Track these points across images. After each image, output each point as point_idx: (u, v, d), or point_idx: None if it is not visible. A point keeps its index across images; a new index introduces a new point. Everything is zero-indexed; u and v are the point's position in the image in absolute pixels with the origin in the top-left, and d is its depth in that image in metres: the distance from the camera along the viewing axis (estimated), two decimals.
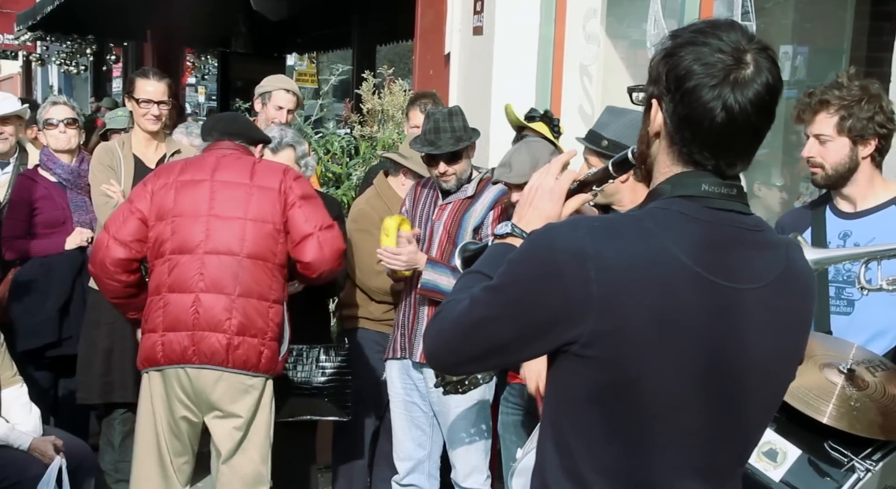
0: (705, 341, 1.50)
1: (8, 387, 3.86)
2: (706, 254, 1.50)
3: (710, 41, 1.49)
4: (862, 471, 2.46)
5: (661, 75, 1.53)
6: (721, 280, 1.50)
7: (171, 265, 3.43)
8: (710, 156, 1.52)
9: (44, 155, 4.85)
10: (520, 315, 1.52)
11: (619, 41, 5.44)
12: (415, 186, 3.97)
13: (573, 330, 1.49)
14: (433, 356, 1.66)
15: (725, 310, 1.51)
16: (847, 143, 2.82)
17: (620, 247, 1.48)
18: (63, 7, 11.88)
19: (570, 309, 1.48)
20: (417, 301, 3.74)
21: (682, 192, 1.53)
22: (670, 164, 1.56)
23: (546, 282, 1.49)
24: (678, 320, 1.48)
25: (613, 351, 1.48)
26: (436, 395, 3.75)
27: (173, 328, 3.41)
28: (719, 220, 1.52)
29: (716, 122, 1.48)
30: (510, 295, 1.53)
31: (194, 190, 3.49)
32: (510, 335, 1.55)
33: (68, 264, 4.69)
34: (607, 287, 1.46)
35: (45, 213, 4.73)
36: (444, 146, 3.63)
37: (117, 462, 4.47)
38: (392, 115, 5.48)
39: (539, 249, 1.52)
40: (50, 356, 4.74)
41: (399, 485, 3.93)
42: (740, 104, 1.47)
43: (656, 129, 1.56)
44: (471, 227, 3.70)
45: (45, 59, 18.58)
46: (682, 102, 1.50)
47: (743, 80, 1.47)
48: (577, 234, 1.49)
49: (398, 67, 7.33)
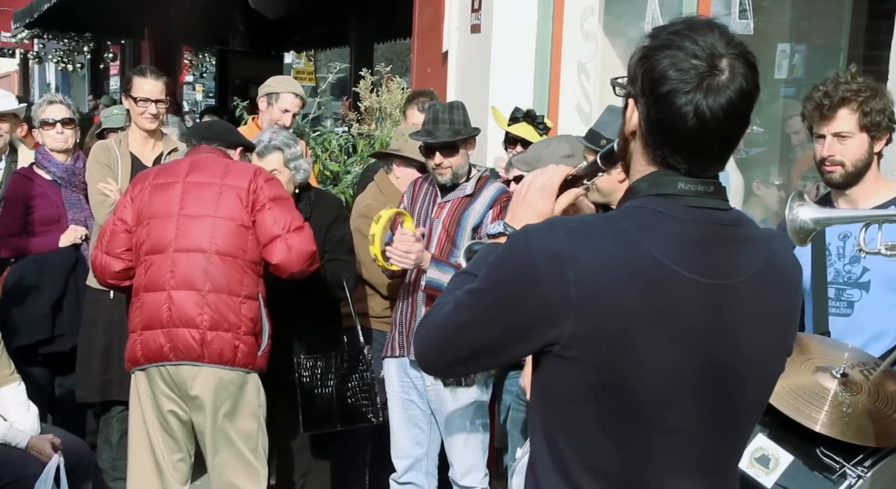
0: (688, 339, 1.50)
1: (6, 385, 3.86)
2: (684, 252, 1.50)
3: (685, 45, 1.48)
4: (853, 478, 2.45)
5: (637, 76, 1.53)
6: (701, 277, 1.50)
7: (147, 266, 3.53)
8: (682, 160, 1.52)
9: (39, 153, 4.84)
10: (499, 317, 1.53)
11: (617, 39, 5.44)
12: (413, 183, 3.97)
13: (553, 331, 1.49)
14: (421, 359, 1.68)
15: (707, 307, 1.51)
16: (866, 139, 2.83)
17: (597, 248, 1.48)
18: (60, 5, 11.87)
19: (549, 310, 1.48)
20: (416, 299, 3.74)
21: (659, 190, 1.53)
22: (646, 164, 1.57)
23: (524, 284, 1.50)
24: (658, 320, 1.48)
25: (593, 352, 1.48)
26: (433, 393, 3.75)
27: (149, 326, 3.49)
28: (697, 217, 1.52)
29: (687, 127, 1.48)
30: (490, 298, 1.54)
31: (166, 192, 3.59)
32: (492, 337, 1.56)
33: (61, 261, 4.69)
34: (584, 288, 1.46)
35: (41, 210, 4.73)
36: (441, 136, 3.65)
37: (115, 460, 4.47)
38: (390, 113, 5.47)
39: (516, 251, 1.53)
40: (43, 353, 4.74)
41: (397, 483, 3.94)
42: (712, 110, 1.47)
43: (632, 128, 1.57)
44: (470, 226, 3.70)
45: (42, 56, 18.57)
46: (655, 106, 1.50)
47: (716, 87, 1.47)
48: (554, 236, 1.50)
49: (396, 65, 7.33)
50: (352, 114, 5.80)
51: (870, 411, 2.49)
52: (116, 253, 3.60)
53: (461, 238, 3.70)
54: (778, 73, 5.27)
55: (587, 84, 5.40)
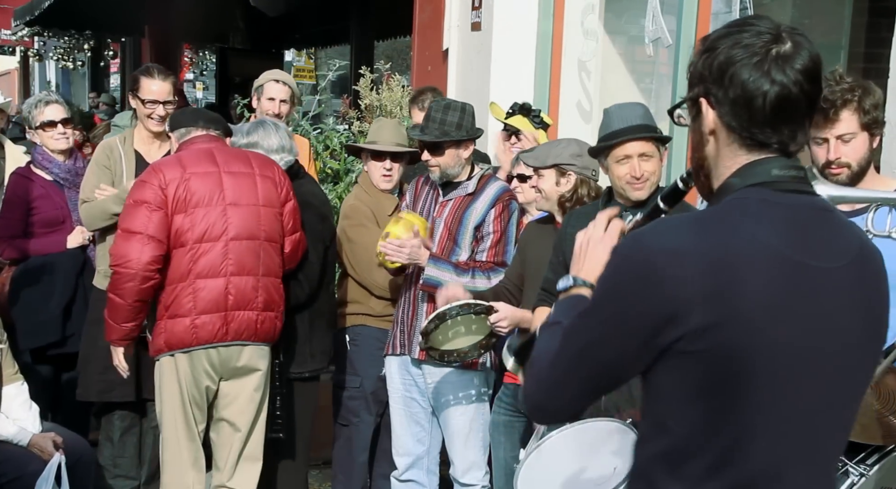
0: (806, 323, 1.51)
1: (9, 384, 3.86)
2: (793, 236, 1.51)
3: (744, 28, 1.54)
4: (856, 476, 2.46)
5: (703, 72, 1.56)
6: (811, 261, 1.51)
7: (196, 253, 3.62)
8: (771, 132, 1.54)
9: (38, 154, 4.78)
10: (621, 326, 1.52)
11: (618, 37, 5.43)
12: (415, 182, 3.98)
13: (679, 328, 1.48)
14: (539, 409, 1.65)
15: (819, 290, 1.52)
16: (867, 137, 2.83)
17: (712, 240, 1.49)
18: (61, 2, 11.86)
19: (674, 307, 1.48)
20: (417, 297, 3.74)
21: (754, 180, 1.54)
22: (733, 156, 1.57)
23: (645, 284, 1.49)
24: (779, 305, 1.49)
25: (722, 342, 1.48)
26: (434, 391, 3.76)
27: (207, 311, 3.64)
28: (797, 202, 1.54)
29: (769, 95, 1.51)
30: (607, 310, 1.54)
31: (206, 181, 3.66)
32: (616, 352, 1.54)
33: (71, 263, 4.67)
34: (708, 280, 1.47)
35: (43, 212, 4.69)
36: (428, 135, 3.66)
37: (116, 457, 4.46)
38: (390, 110, 5.47)
39: (629, 255, 1.54)
40: (52, 354, 4.73)
41: (398, 480, 3.94)
42: (786, 73, 1.51)
43: (710, 126, 1.58)
44: (472, 225, 3.70)
45: (42, 54, 18.57)
46: (731, 86, 1.53)
47: (785, 54, 1.51)
48: (669, 234, 1.52)
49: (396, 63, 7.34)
50: (352, 111, 5.80)
51: (872, 410, 2.49)
52: (158, 235, 3.57)
53: (463, 236, 3.71)
54: None
55: (588, 82, 5.40)
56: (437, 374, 3.69)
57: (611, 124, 3.08)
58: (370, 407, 4.26)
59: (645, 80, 5.43)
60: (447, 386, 3.70)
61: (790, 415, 1.52)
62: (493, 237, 3.68)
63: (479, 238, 3.71)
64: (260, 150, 3.95)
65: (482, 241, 3.70)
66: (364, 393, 4.22)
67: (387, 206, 4.18)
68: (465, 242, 3.72)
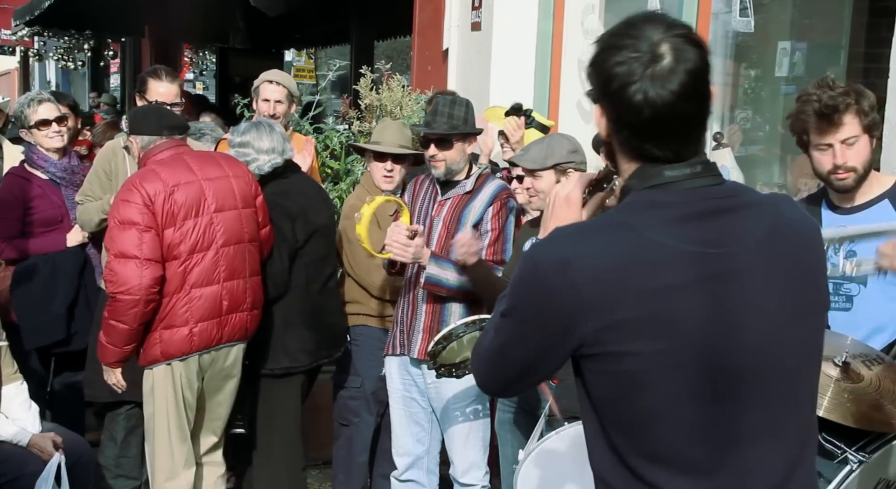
0: (714, 309, 1.53)
1: (8, 383, 3.86)
2: (684, 229, 1.54)
3: (625, 42, 1.55)
4: (855, 463, 2.48)
5: (593, 83, 1.61)
6: (706, 248, 1.53)
7: (190, 264, 3.66)
8: (654, 147, 1.57)
9: (33, 153, 4.75)
10: (530, 333, 1.60)
11: None
12: (413, 181, 3.98)
13: (576, 334, 1.54)
14: (482, 385, 1.77)
15: (721, 275, 1.54)
16: (867, 139, 2.84)
17: (600, 245, 1.54)
18: (61, 2, 11.86)
19: (567, 315, 1.53)
20: (416, 297, 3.74)
21: (649, 182, 1.58)
22: (628, 161, 1.62)
23: (538, 296, 1.56)
24: (678, 298, 1.51)
25: (621, 342, 1.51)
26: (434, 391, 3.76)
27: (204, 318, 3.70)
28: (691, 197, 1.56)
29: (644, 116, 1.53)
30: (516, 317, 1.62)
31: (189, 191, 3.67)
32: (531, 351, 1.62)
33: (72, 261, 4.67)
34: (595, 286, 1.51)
35: (41, 211, 4.68)
36: (437, 128, 3.66)
37: (118, 457, 4.42)
38: (390, 110, 5.46)
39: (527, 268, 1.60)
40: (55, 353, 4.72)
41: (398, 480, 3.94)
42: (661, 96, 1.51)
43: (604, 131, 1.63)
44: (470, 223, 3.70)
45: (42, 54, 18.55)
46: (612, 104, 1.57)
47: (660, 74, 1.51)
48: (556, 245, 1.57)
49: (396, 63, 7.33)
50: (352, 111, 5.79)
51: (871, 399, 2.52)
52: (154, 257, 3.57)
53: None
54: (779, 70, 5.27)
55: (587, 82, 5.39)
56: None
57: None
58: (370, 407, 4.26)
59: None
60: (447, 386, 3.70)
61: (723, 395, 1.54)
62: (492, 235, 3.69)
63: (478, 236, 3.71)
64: (251, 149, 4.01)
65: (481, 239, 3.70)
66: (364, 393, 4.22)
67: (388, 206, 4.19)
68: None
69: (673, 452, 1.55)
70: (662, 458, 1.55)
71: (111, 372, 3.78)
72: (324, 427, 4.83)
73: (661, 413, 1.54)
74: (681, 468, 1.55)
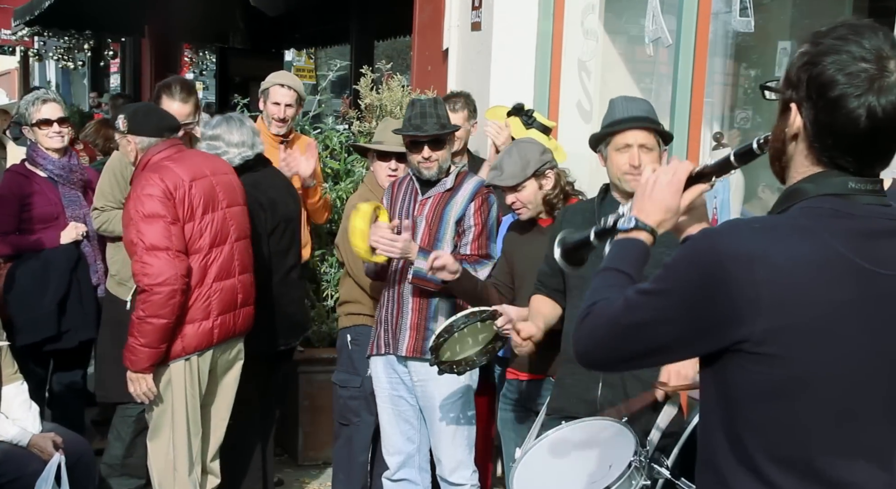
0: (877, 328, 1.55)
1: (8, 384, 3.86)
2: (864, 245, 1.55)
3: (851, 49, 1.53)
4: None
5: (801, 82, 1.57)
6: (882, 269, 1.55)
7: (211, 258, 3.73)
8: (852, 160, 1.56)
9: (33, 150, 4.78)
10: (684, 317, 1.59)
11: (618, 37, 5.44)
12: (391, 186, 4.00)
13: (742, 329, 1.53)
14: (587, 355, 1.72)
15: (887, 296, 1.56)
16: None
17: (784, 246, 1.53)
18: (61, 2, 11.86)
19: (739, 310, 1.53)
20: (402, 296, 3.76)
21: (829, 190, 1.57)
22: (810, 165, 1.60)
23: (713, 285, 1.54)
24: (847, 313, 1.53)
25: (787, 346, 1.53)
26: (421, 389, 3.76)
27: (224, 311, 3.78)
28: (870, 213, 1.57)
29: (860, 129, 1.52)
30: (674, 299, 1.59)
31: (204, 186, 3.73)
32: (673, 336, 1.62)
33: (65, 258, 4.68)
34: (776, 287, 1.51)
35: (38, 208, 4.70)
36: (429, 130, 3.69)
37: (125, 457, 4.38)
38: (390, 110, 5.47)
39: (702, 253, 1.58)
40: (48, 350, 4.73)
41: (391, 481, 3.93)
42: (885, 111, 1.51)
43: (794, 131, 1.60)
44: (452, 220, 3.74)
45: (42, 54, 18.56)
46: (824, 111, 1.54)
47: (887, 88, 1.51)
48: (741, 238, 1.55)
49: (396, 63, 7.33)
50: (352, 111, 5.80)
51: None
52: (182, 248, 3.63)
53: (444, 232, 3.74)
54: (779, 70, 5.26)
55: (588, 82, 5.40)
56: (424, 372, 3.69)
57: (614, 114, 3.10)
58: (370, 407, 4.25)
59: (645, 80, 5.43)
60: (434, 383, 3.70)
61: (861, 414, 1.57)
62: (475, 230, 3.72)
63: (461, 232, 3.74)
64: (221, 143, 4.08)
65: (464, 234, 3.74)
66: (364, 393, 4.21)
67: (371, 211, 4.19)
68: (447, 237, 3.75)
69: (805, 460, 1.57)
70: (792, 464, 1.57)
71: (142, 379, 3.62)
72: (324, 427, 4.83)
73: (801, 418, 1.55)
74: (806, 476, 1.57)
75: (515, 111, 4.46)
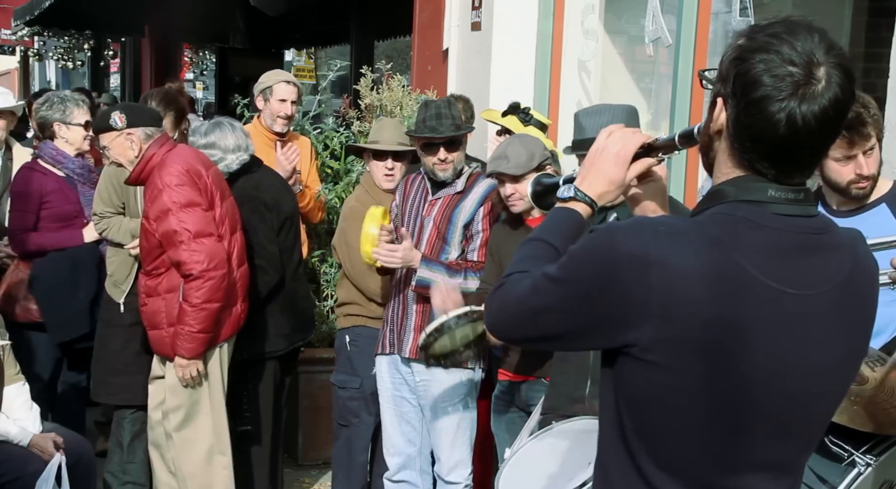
0: (772, 348, 1.48)
1: (10, 384, 3.86)
2: (772, 262, 1.47)
3: (782, 50, 1.43)
4: (862, 466, 2.47)
5: (729, 77, 1.49)
6: (787, 288, 1.47)
7: (231, 244, 3.78)
8: (769, 166, 1.49)
9: (50, 149, 4.72)
10: (576, 311, 1.54)
11: (618, 37, 5.44)
12: (405, 181, 3.98)
13: (631, 333, 1.48)
14: (494, 326, 1.69)
15: (793, 317, 1.49)
16: (878, 145, 2.82)
17: (685, 254, 1.45)
18: (61, 2, 11.87)
19: (629, 312, 1.47)
20: (407, 297, 3.75)
21: (748, 196, 1.50)
22: (732, 166, 1.53)
23: (605, 283, 1.49)
24: (743, 331, 1.46)
25: (675, 357, 1.47)
26: (423, 389, 3.76)
27: (244, 297, 3.86)
28: (784, 225, 1.49)
29: (778, 135, 1.44)
30: (569, 291, 1.54)
31: (214, 176, 3.81)
32: (566, 328, 1.57)
33: (91, 256, 4.67)
34: (669, 296, 1.44)
35: (57, 207, 4.66)
36: (445, 132, 3.67)
37: (125, 463, 4.31)
38: (390, 110, 5.47)
39: (601, 249, 1.51)
40: (79, 348, 4.69)
41: (391, 481, 3.93)
42: (804, 119, 1.43)
43: (718, 127, 1.53)
44: (461, 223, 3.72)
45: (42, 54, 18.56)
46: (745, 111, 1.46)
47: (810, 96, 1.42)
48: (641, 238, 1.47)
49: (396, 63, 7.32)
50: (352, 111, 5.79)
51: (877, 401, 2.51)
52: (219, 233, 3.72)
53: (452, 235, 3.73)
54: None
55: (588, 82, 5.40)
56: (427, 372, 3.69)
57: (584, 131, 3.10)
58: (370, 407, 4.25)
59: (645, 80, 5.43)
60: (436, 384, 3.70)
61: (748, 429, 1.52)
62: (483, 236, 3.71)
63: (469, 237, 3.73)
64: (217, 150, 4.06)
65: (472, 240, 3.72)
66: (364, 393, 4.22)
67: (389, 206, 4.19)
68: (454, 241, 3.74)
69: (686, 468, 1.53)
70: (680, 474, 1.53)
71: (193, 364, 3.67)
72: (324, 427, 4.83)
73: (688, 430, 1.51)
74: (689, 484, 1.53)
75: (512, 110, 4.47)
